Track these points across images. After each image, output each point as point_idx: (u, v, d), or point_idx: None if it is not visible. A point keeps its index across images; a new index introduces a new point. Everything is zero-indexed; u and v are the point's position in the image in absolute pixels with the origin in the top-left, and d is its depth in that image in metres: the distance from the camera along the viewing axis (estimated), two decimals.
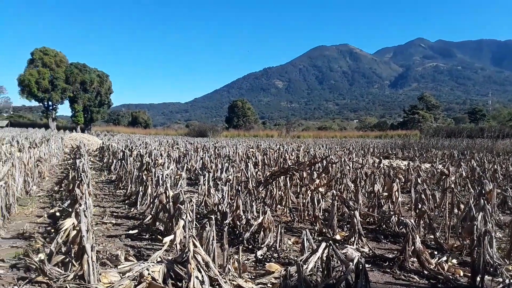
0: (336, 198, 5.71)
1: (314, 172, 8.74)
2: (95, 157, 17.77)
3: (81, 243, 3.02)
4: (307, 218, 6.49)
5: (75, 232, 3.39)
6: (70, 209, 5.28)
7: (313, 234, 5.44)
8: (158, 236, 5.23)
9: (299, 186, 8.35)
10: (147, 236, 5.27)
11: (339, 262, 3.38)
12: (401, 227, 5.54)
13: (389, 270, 4.11)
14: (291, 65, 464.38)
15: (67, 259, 3.19)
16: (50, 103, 61.24)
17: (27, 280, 3.26)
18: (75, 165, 8.42)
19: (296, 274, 2.80)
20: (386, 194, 6.52)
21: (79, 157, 9.26)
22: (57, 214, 5.98)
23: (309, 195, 6.50)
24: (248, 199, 5.93)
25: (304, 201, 6.61)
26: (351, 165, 11.29)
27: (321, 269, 3.49)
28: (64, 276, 2.81)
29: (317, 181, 7.97)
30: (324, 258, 3.41)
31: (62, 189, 8.40)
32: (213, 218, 3.63)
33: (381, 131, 70.34)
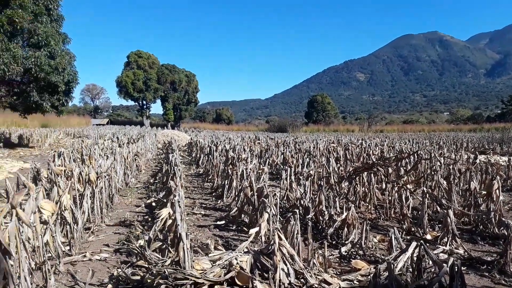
0: (427, 196, 5.37)
1: (401, 168, 8.31)
2: (184, 152, 18.93)
3: (177, 231, 3.26)
4: (393, 216, 6.20)
5: (170, 221, 3.67)
6: (165, 200, 5.73)
7: (400, 232, 5.19)
8: (244, 228, 5.42)
9: (384, 183, 8.01)
10: (233, 227, 5.49)
11: (431, 263, 3.19)
12: (502, 228, 5.03)
13: (487, 274, 3.76)
14: (373, 56, 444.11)
15: (164, 246, 3.47)
16: (144, 102, 66.82)
17: (129, 264, 3.61)
18: (168, 159, 9.08)
19: (385, 273, 2.71)
20: (485, 192, 5.94)
21: (171, 152, 9.95)
22: (153, 204, 6.51)
23: (396, 192, 6.20)
24: (331, 195, 5.85)
25: (390, 198, 6.33)
26: (442, 161, 10.49)
27: (410, 270, 3.33)
28: (162, 261, 3.06)
29: (405, 177, 7.58)
30: (415, 258, 3.25)
31: (156, 181, 9.12)
32: (297, 212, 3.66)
33: (476, 124, 63.96)
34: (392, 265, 2.64)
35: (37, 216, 3.07)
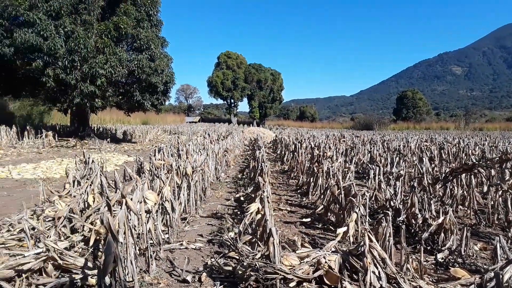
0: None
1: (506, 170, 7.46)
2: (269, 148, 19.26)
3: (266, 226, 3.35)
4: (496, 222, 5.62)
5: (259, 216, 3.79)
6: (253, 195, 5.91)
7: (506, 241, 4.68)
8: (330, 226, 5.36)
9: (485, 186, 7.27)
10: (319, 225, 5.46)
11: None
12: None
13: None
14: (472, 48, 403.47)
15: (254, 240, 3.59)
16: (232, 100, 69.61)
17: (222, 254, 3.81)
18: (255, 156, 9.34)
19: (490, 283, 2.48)
20: None
21: (258, 148, 10.20)
22: (241, 198, 6.76)
23: (501, 196, 5.60)
24: (426, 197, 5.49)
25: (493, 203, 5.74)
26: None
27: None
28: (253, 254, 3.18)
29: (511, 180, 6.80)
30: None
31: (244, 176, 9.44)
32: (390, 214, 3.51)
33: None
34: (500, 275, 2.40)
35: (142, 206, 3.39)
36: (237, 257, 3.66)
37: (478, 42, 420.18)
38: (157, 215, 3.95)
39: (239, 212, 5.87)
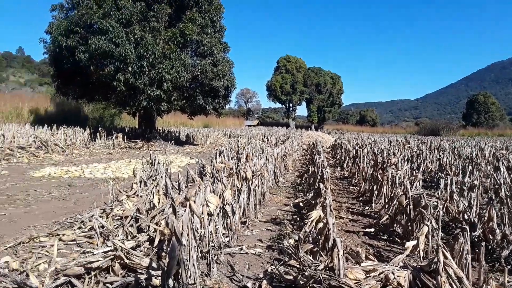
0: None
1: None
2: (328, 153, 18.86)
3: (329, 236, 3.22)
4: None
5: (321, 224, 3.65)
6: (313, 201, 5.76)
7: None
8: (396, 239, 5.06)
9: None
10: (384, 236, 5.18)
11: None
12: None
13: None
14: None
15: (315, 249, 3.46)
16: (290, 104, 69.52)
17: (282, 262, 3.72)
18: (314, 161, 9.15)
19: None
20: None
21: (318, 153, 10.00)
22: (301, 204, 6.63)
23: None
24: (506, 211, 4.99)
25: None
26: None
27: None
28: (315, 265, 3.06)
29: None
30: None
31: (303, 181, 9.29)
32: (467, 228, 3.20)
33: None
34: None
35: (205, 209, 3.41)
36: (298, 266, 3.55)
37: None
38: (218, 218, 3.96)
39: (298, 219, 5.75)
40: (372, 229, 5.43)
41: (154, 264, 3.32)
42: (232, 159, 7.89)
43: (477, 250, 4.29)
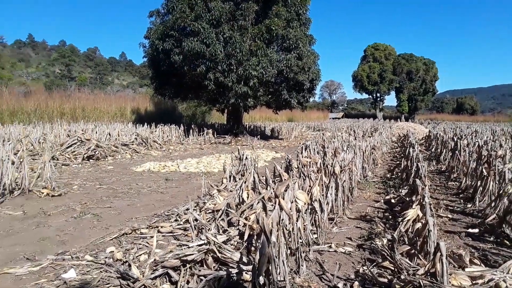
0: None
1: None
2: (421, 145, 17.61)
3: (428, 238, 2.97)
4: None
5: (419, 224, 3.39)
6: (407, 199, 5.41)
7: None
8: (505, 241, 4.51)
9: None
10: (490, 238, 4.65)
11: None
12: None
13: None
14: None
15: (412, 251, 3.23)
16: (378, 94, 66.25)
17: (374, 263, 3.54)
18: (407, 154, 8.59)
19: None
20: None
21: (411, 146, 9.37)
22: (392, 201, 6.27)
23: None
24: None
25: None
26: None
27: None
28: (414, 269, 2.85)
29: None
30: None
31: (394, 176, 8.79)
32: None
33: None
34: None
35: (294, 205, 3.39)
36: (392, 269, 3.35)
37: None
38: (306, 215, 3.92)
39: (390, 216, 5.44)
40: (476, 230, 4.92)
41: (244, 259, 3.39)
42: (318, 153, 7.77)
43: None
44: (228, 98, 16.82)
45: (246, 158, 6.12)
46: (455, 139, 10.91)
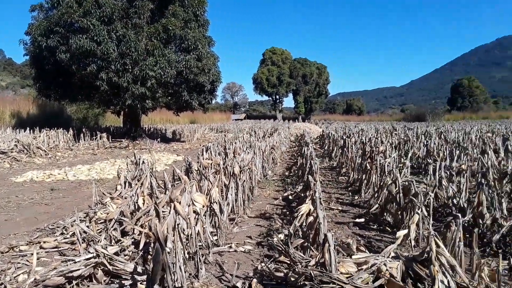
0: None
1: None
2: (316, 144, 18.85)
3: (319, 230, 3.13)
4: None
5: (311, 218, 3.56)
6: (302, 194, 5.69)
7: None
8: (386, 228, 5.01)
9: None
10: (374, 226, 5.13)
11: None
12: None
13: None
14: None
15: (306, 244, 3.38)
16: (277, 96, 69.40)
17: (272, 258, 3.63)
18: (303, 152, 9.08)
19: None
20: None
21: (306, 145, 9.94)
22: (290, 197, 6.55)
23: None
24: (496, 194, 4.98)
25: None
26: None
27: None
28: (306, 261, 2.97)
29: None
30: None
31: (291, 174, 9.22)
32: (459, 216, 3.15)
33: None
34: None
35: (191, 209, 3.30)
36: (288, 262, 3.47)
37: None
38: (205, 217, 3.85)
39: (288, 212, 5.67)
40: (362, 219, 5.38)
41: (139, 269, 3.19)
42: (219, 154, 7.77)
43: (467, 235, 4.28)
44: (124, 99, 15.93)
45: (143, 162, 5.82)
46: (344, 138, 11.88)
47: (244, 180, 5.69)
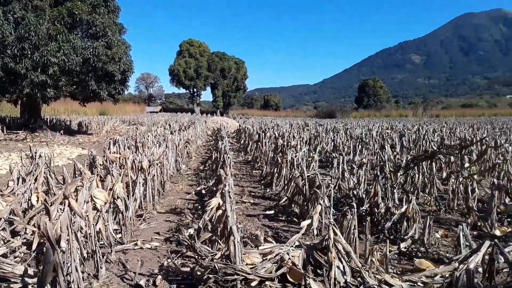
0: (497, 187, 4.86)
1: (465, 157, 7.68)
2: (233, 138, 19.02)
3: (227, 223, 3.15)
4: (456, 208, 5.72)
5: (220, 211, 3.57)
6: (214, 188, 5.68)
7: (467, 227, 4.75)
8: (294, 219, 5.24)
9: (445, 172, 7.44)
10: (283, 217, 5.32)
11: (503, 263, 2.85)
12: None
13: None
14: (431, 37, 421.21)
15: (214, 237, 3.37)
16: (195, 89, 68.33)
17: (179, 254, 3.56)
18: (217, 146, 9.08)
19: (461, 278, 2.41)
20: None
21: (221, 139, 9.95)
22: (203, 191, 6.50)
23: (461, 183, 5.69)
24: (389, 185, 5.49)
25: (453, 189, 5.82)
26: (510, 149, 9.59)
27: (480, 271, 2.99)
28: (212, 254, 2.97)
29: (471, 167, 6.98)
30: (486, 258, 2.90)
31: (206, 168, 9.17)
32: (355, 206, 3.40)
33: None
34: (471, 272, 2.33)
35: (90, 206, 3.08)
36: (196, 257, 3.43)
37: (436, 31, 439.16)
38: (108, 214, 3.63)
39: (200, 207, 5.63)
40: (272, 211, 5.56)
41: (30, 271, 2.90)
42: (129, 148, 7.42)
43: (365, 223, 4.66)
44: (21, 87, 14.32)
45: (40, 156, 5.29)
46: (259, 132, 12.15)
47: (154, 175, 5.50)
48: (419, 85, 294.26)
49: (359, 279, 3.03)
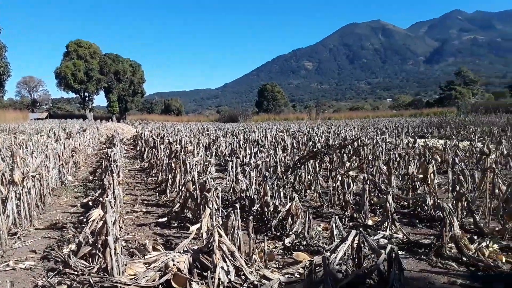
0: (368, 182, 5.50)
1: (344, 155, 8.50)
2: (130, 145, 18.20)
3: (107, 235, 3.02)
4: (337, 203, 6.30)
5: (101, 223, 3.41)
6: (100, 199, 5.38)
7: (343, 219, 5.28)
8: (187, 224, 5.22)
9: (328, 170, 8.16)
10: (175, 224, 5.28)
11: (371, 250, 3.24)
12: (438, 211, 5.28)
13: (424, 257, 3.87)
14: (321, 45, 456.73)
15: (94, 251, 3.21)
16: (86, 94, 63.30)
17: (56, 271, 3.31)
18: (108, 154, 8.60)
19: (319, 268, 2.68)
20: (421, 176, 6.22)
21: (112, 146, 9.45)
22: (90, 203, 6.10)
23: (339, 179, 6.30)
24: (276, 185, 5.82)
25: (334, 185, 6.42)
26: (383, 146, 10.92)
27: (351, 258, 3.36)
28: (89, 268, 2.83)
29: (347, 164, 7.75)
30: (355, 246, 3.27)
31: (96, 178, 8.62)
32: (238, 206, 3.55)
33: (416, 109, 67.96)
34: (327, 260, 2.60)
35: None
36: (75, 273, 3.23)
37: (325, 40, 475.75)
38: None
39: (85, 220, 5.27)
40: (165, 219, 5.47)
41: None
42: (3, 160, 6.66)
43: (255, 223, 4.87)
44: None
45: None
46: (155, 138, 11.84)
47: (30, 188, 5.01)
48: (312, 90, 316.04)
49: (243, 277, 3.17)
